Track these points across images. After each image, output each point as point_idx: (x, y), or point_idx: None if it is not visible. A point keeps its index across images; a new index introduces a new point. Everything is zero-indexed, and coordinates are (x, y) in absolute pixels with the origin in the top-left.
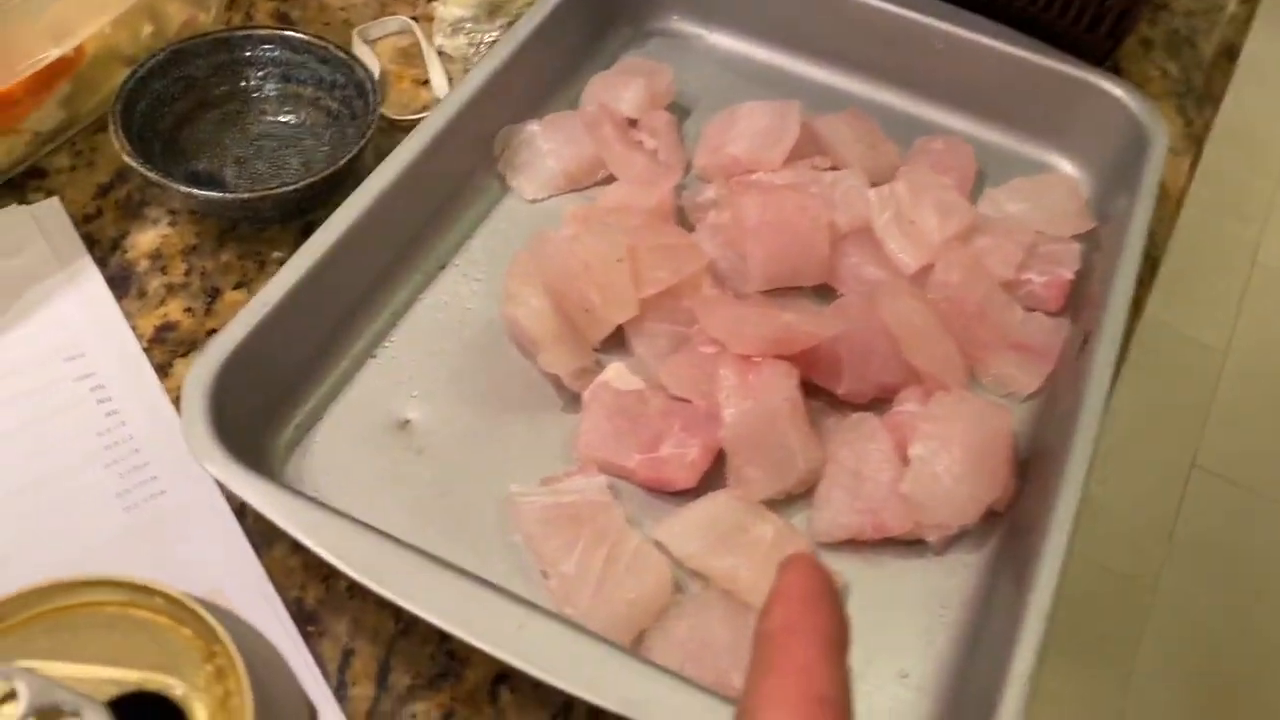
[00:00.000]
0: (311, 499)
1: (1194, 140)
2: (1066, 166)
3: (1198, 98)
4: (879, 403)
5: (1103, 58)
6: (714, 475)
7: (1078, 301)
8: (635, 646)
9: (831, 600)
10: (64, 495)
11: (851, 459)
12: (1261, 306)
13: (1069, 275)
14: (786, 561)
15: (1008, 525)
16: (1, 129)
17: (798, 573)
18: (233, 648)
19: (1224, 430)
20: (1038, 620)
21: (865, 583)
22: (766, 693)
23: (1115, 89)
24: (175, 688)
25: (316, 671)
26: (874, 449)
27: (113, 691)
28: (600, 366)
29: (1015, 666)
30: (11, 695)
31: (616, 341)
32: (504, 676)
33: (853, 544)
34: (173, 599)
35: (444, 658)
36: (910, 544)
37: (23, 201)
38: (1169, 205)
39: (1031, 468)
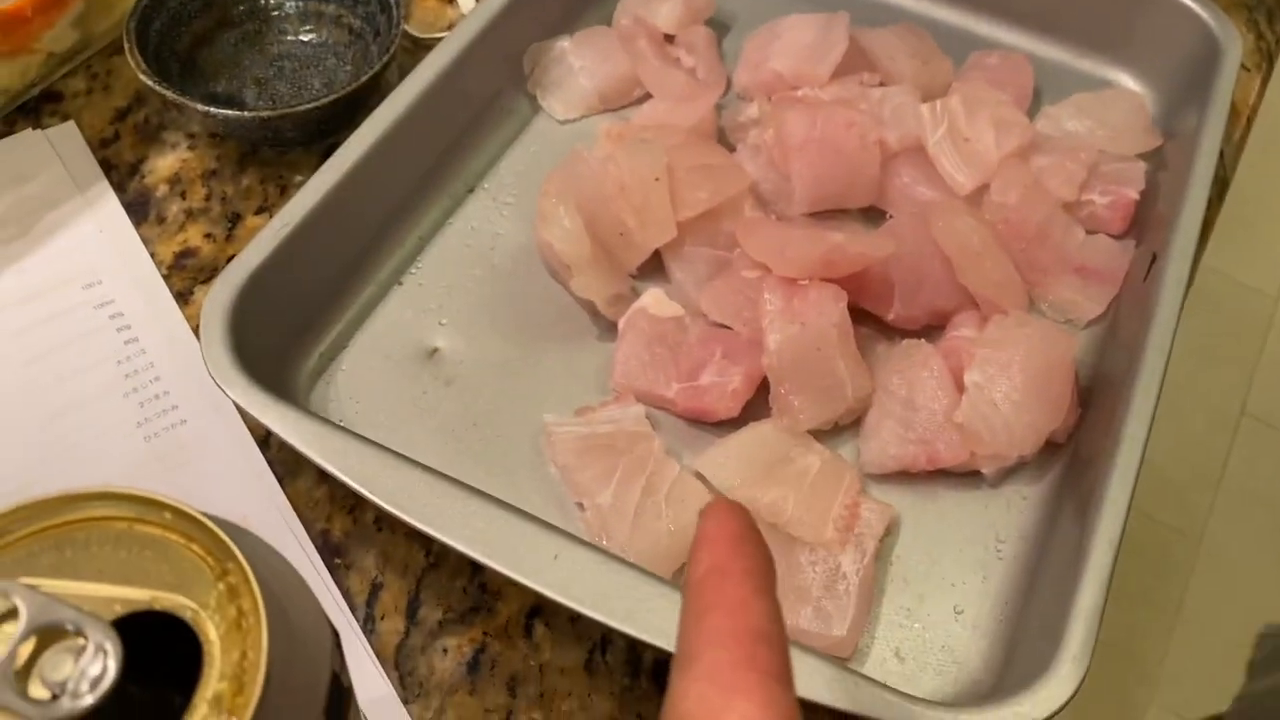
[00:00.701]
0: (339, 426)
1: (1266, 56)
2: (1129, 82)
3: (1269, 10)
4: (931, 329)
5: None
6: (757, 405)
7: (1142, 223)
8: (675, 580)
9: (756, 539)
10: (83, 425)
11: (903, 387)
12: None
13: (1134, 195)
14: (707, 508)
15: (1068, 456)
16: (13, 49)
17: (719, 516)
18: (246, 565)
19: (1275, 378)
20: (1105, 553)
21: (917, 516)
22: (704, 633)
23: None
24: (185, 607)
25: (344, 605)
26: (927, 376)
27: (119, 610)
28: (636, 293)
29: (1080, 601)
30: (11, 613)
31: (654, 266)
32: (538, 610)
33: (904, 476)
34: (182, 513)
35: (476, 591)
36: (964, 475)
37: (38, 126)
38: (1239, 124)
39: (1094, 396)
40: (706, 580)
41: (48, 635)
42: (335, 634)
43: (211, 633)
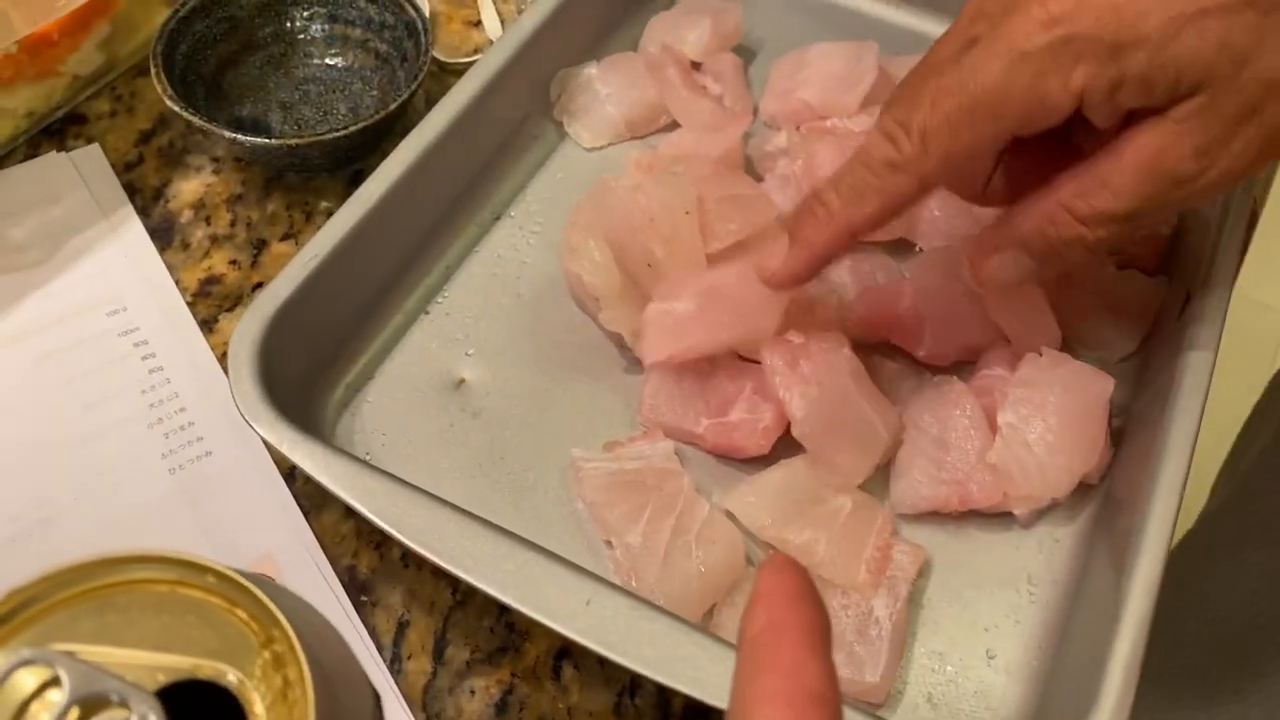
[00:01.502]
0: (367, 463)
1: None
2: None
3: None
4: (961, 365)
5: None
6: (788, 440)
7: (1173, 258)
8: (705, 622)
9: (813, 598)
10: (108, 454)
11: (935, 425)
12: None
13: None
14: (765, 562)
15: (1101, 497)
16: (39, 72)
17: (777, 572)
18: (292, 633)
19: None
20: (1143, 600)
21: (947, 557)
22: (759, 692)
23: None
24: (229, 676)
25: (370, 644)
26: (959, 415)
27: (161, 680)
28: None
29: (1118, 649)
30: (54, 682)
31: None
32: (566, 652)
33: (934, 516)
34: (226, 577)
35: (504, 631)
36: (995, 516)
37: (63, 148)
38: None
39: (1126, 435)
40: (762, 638)
41: (92, 705)
42: (376, 696)
43: (257, 704)
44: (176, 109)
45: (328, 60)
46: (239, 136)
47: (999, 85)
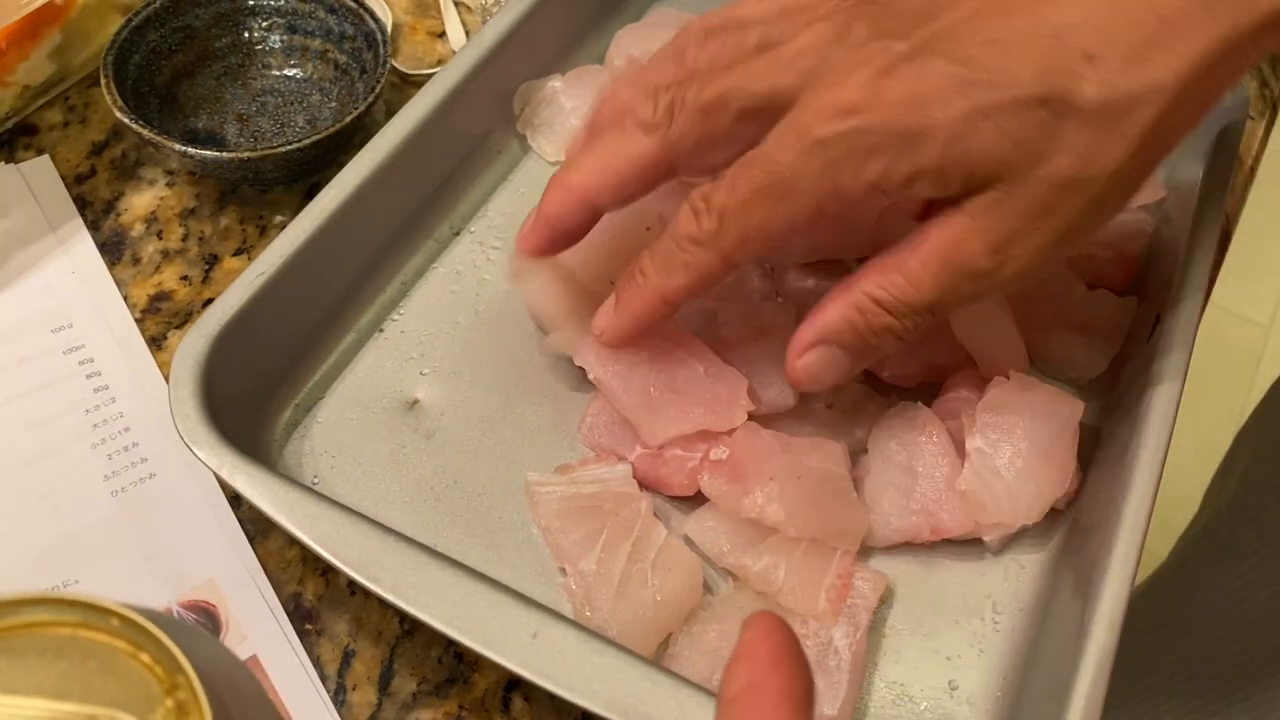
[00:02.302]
0: (309, 489)
1: (1270, 104)
2: None
3: (1273, 58)
4: (927, 384)
5: None
6: None
7: (1144, 277)
8: (661, 652)
9: (796, 657)
10: (47, 477)
11: (901, 453)
12: None
13: (1136, 250)
14: (750, 619)
15: (1068, 524)
16: None
17: (761, 630)
18: (196, 680)
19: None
20: (1106, 634)
21: (910, 584)
22: None
23: None
24: None
25: (314, 675)
26: (925, 441)
27: None
28: None
29: (1080, 682)
30: None
31: None
32: (516, 683)
33: (902, 544)
34: (131, 621)
35: (452, 661)
36: (962, 542)
37: (11, 160)
38: (1242, 172)
39: (1095, 460)
40: (741, 699)
41: None
42: None
43: None
44: (127, 121)
45: (286, 71)
46: (189, 150)
47: (791, 171)
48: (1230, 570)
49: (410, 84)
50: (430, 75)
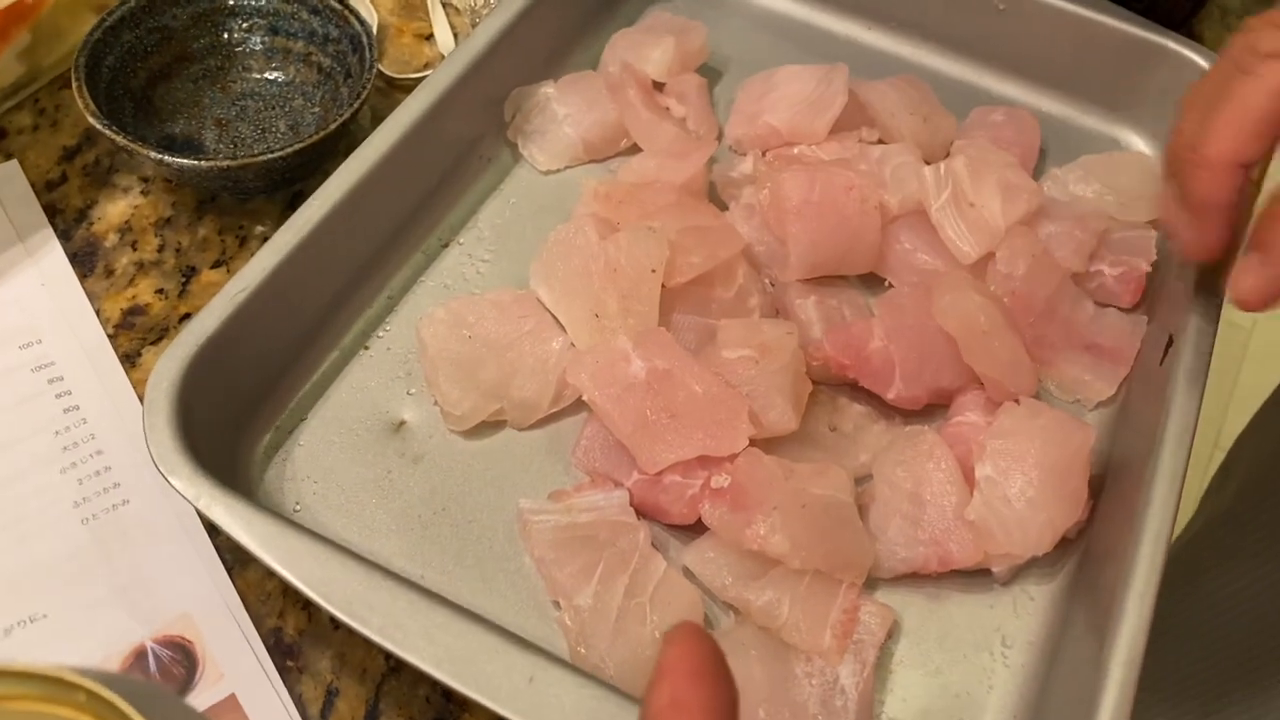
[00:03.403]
0: (291, 521)
1: None
2: (1138, 143)
3: None
4: (933, 407)
5: (1181, 21)
6: None
7: (1152, 296)
8: None
9: (719, 674)
10: (13, 503)
11: (908, 480)
12: None
13: (1145, 267)
14: (671, 633)
15: (1080, 554)
16: None
17: (684, 645)
18: None
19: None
20: (1125, 670)
21: (916, 617)
22: None
23: (1195, 56)
24: None
25: (295, 715)
26: (933, 469)
27: None
28: None
29: None
30: None
31: None
32: None
33: (908, 575)
34: (99, 697)
35: (441, 700)
36: (969, 573)
37: None
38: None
39: (1106, 486)
40: (664, 716)
41: None
42: None
43: None
44: (100, 126)
45: (267, 75)
46: (166, 157)
47: None
48: (1229, 572)
49: (397, 89)
50: (418, 80)
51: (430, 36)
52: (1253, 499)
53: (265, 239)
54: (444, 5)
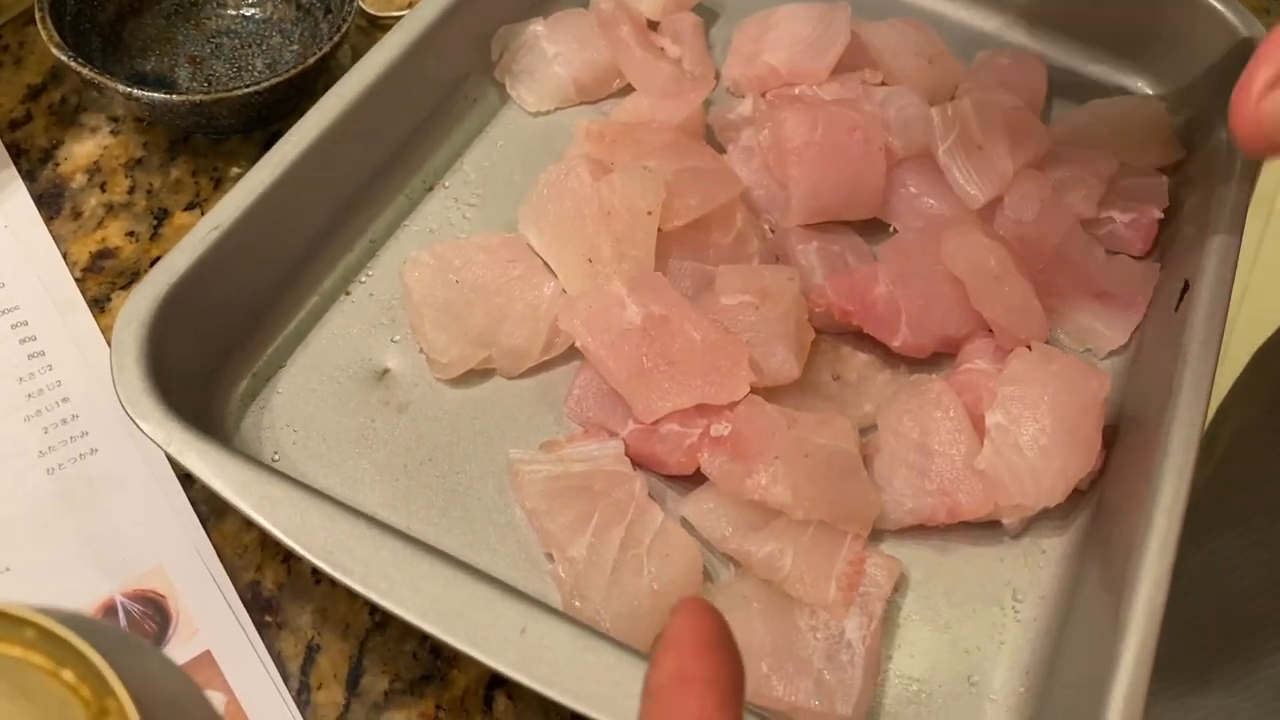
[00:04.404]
0: (269, 467)
1: None
2: (1147, 88)
3: None
4: (940, 356)
5: None
6: None
7: (1164, 244)
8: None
9: (727, 647)
10: None
11: (915, 429)
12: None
13: (1157, 213)
14: (679, 605)
15: (1093, 505)
16: None
17: (689, 617)
18: (129, 703)
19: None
20: (1145, 625)
21: (924, 569)
22: None
23: None
24: None
25: (274, 672)
26: (941, 417)
27: None
28: None
29: (1116, 684)
30: None
31: None
32: (500, 680)
33: (915, 526)
34: (49, 633)
35: (428, 656)
36: (978, 525)
37: None
38: None
39: (1119, 436)
40: (667, 689)
41: None
42: None
43: None
44: (66, 60)
45: (244, 11)
46: (136, 91)
47: None
48: (1211, 544)
49: (378, 26)
50: (400, 17)
51: None
52: (1235, 468)
53: (241, 179)
54: None
